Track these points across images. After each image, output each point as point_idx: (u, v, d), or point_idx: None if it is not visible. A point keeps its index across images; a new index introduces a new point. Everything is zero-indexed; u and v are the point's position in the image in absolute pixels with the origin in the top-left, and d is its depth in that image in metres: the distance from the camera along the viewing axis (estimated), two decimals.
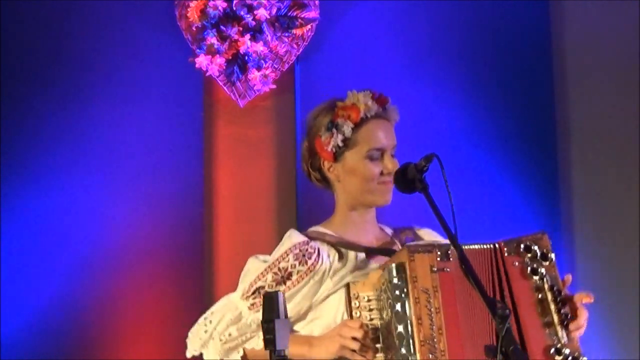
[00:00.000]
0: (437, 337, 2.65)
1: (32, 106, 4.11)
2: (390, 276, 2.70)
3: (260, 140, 4.30)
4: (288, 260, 2.93)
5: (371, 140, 2.96)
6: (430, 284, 2.69)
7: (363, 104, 2.98)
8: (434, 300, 2.68)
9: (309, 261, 2.91)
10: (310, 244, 2.94)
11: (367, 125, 2.98)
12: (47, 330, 4.01)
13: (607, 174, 4.46)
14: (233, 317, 2.97)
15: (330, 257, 2.93)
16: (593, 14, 4.53)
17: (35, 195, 4.07)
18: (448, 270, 2.71)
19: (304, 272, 2.91)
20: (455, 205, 2.66)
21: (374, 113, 2.98)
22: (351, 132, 2.97)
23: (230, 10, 4.21)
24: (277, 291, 2.58)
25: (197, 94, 4.24)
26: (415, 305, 2.67)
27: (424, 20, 4.40)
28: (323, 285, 2.92)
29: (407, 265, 2.69)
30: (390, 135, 2.99)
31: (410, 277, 2.69)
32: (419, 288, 2.68)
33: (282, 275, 2.91)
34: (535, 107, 4.44)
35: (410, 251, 2.71)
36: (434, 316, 2.67)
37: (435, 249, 2.72)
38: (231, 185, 4.27)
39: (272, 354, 2.54)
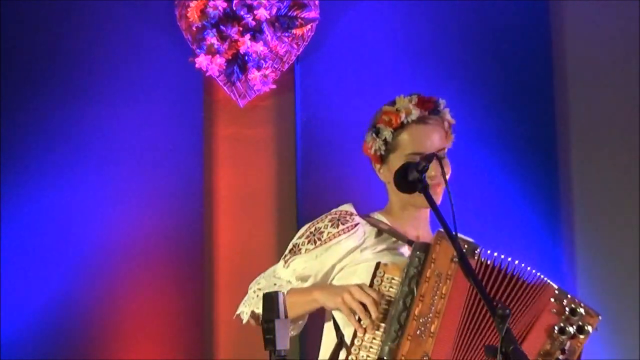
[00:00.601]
0: (433, 318, 2.70)
1: (31, 106, 4.11)
2: (413, 252, 2.75)
3: (260, 140, 4.31)
4: (324, 221, 2.99)
5: (411, 144, 3.00)
6: (446, 270, 2.73)
7: (404, 108, 3.02)
8: (443, 287, 2.72)
9: (341, 226, 2.96)
10: (352, 216, 2.99)
11: (408, 130, 3.01)
12: (47, 330, 4.01)
13: (607, 173, 4.46)
14: (268, 272, 3.04)
15: (365, 233, 2.96)
16: (593, 14, 4.53)
17: (35, 195, 4.07)
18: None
19: (333, 234, 2.96)
20: (455, 205, 2.67)
21: (416, 118, 3.01)
22: (392, 136, 3.02)
23: (230, 10, 4.21)
24: (277, 291, 2.59)
25: (197, 94, 4.24)
26: (424, 283, 2.72)
27: (424, 20, 4.40)
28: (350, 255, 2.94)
29: (432, 247, 2.72)
30: (433, 139, 3.01)
31: (430, 258, 2.73)
32: (434, 270, 2.71)
33: (314, 234, 2.97)
34: (535, 107, 4.44)
35: (440, 236, 2.75)
36: (437, 300, 2.71)
37: (464, 243, 2.75)
38: (231, 185, 4.27)
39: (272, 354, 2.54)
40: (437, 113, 3.05)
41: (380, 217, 3.07)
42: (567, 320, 2.81)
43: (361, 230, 2.98)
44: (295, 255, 2.99)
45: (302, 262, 2.98)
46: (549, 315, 2.81)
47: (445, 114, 3.07)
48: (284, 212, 4.26)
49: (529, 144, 4.40)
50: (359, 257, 2.96)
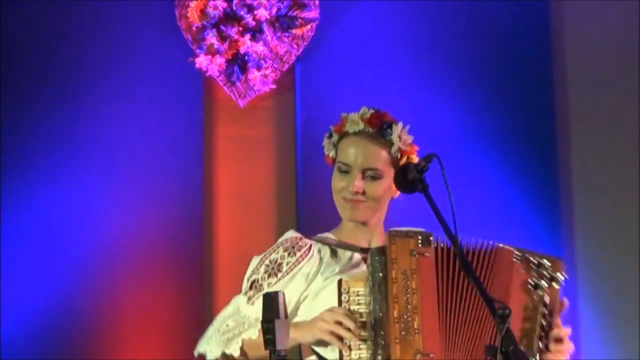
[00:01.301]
0: (412, 315, 2.71)
1: (31, 106, 4.11)
2: (373, 260, 2.75)
3: (260, 140, 4.31)
4: (278, 252, 3.00)
5: (342, 154, 3.03)
6: (410, 266, 2.75)
7: (352, 119, 3.04)
8: (412, 282, 2.74)
9: (297, 253, 2.98)
10: (303, 240, 3.00)
11: (346, 139, 3.05)
12: (47, 330, 4.01)
13: (607, 173, 4.46)
14: (233, 311, 3.04)
15: (321, 253, 2.97)
16: (593, 14, 4.53)
17: (35, 195, 4.07)
18: (428, 255, 2.76)
19: (292, 264, 2.97)
20: (455, 205, 2.67)
21: (357, 130, 3.02)
22: (337, 142, 3.05)
23: (230, 10, 4.21)
24: (277, 291, 2.60)
25: (197, 94, 4.24)
26: (393, 284, 2.73)
27: (424, 20, 4.40)
28: (314, 281, 2.95)
29: (388, 248, 2.73)
30: (365, 156, 3.00)
31: (390, 259, 2.74)
32: (397, 269, 2.72)
33: (272, 267, 2.98)
34: (535, 107, 4.44)
35: (391, 235, 2.76)
36: (410, 296, 2.73)
37: (416, 235, 2.77)
38: (231, 185, 4.27)
39: (272, 354, 2.54)
40: (385, 134, 3.03)
41: (328, 235, 3.07)
42: (537, 275, 2.82)
43: (316, 251, 2.99)
44: (259, 292, 2.97)
45: None
46: (519, 274, 2.83)
47: (395, 138, 3.03)
48: (284, 212, 4.26)
49: (529, 143, 4.40)
50: (320, 282, 2.96)
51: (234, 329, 2.98)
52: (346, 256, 3.00)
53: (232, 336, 2.98)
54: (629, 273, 4.37)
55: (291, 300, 2.96)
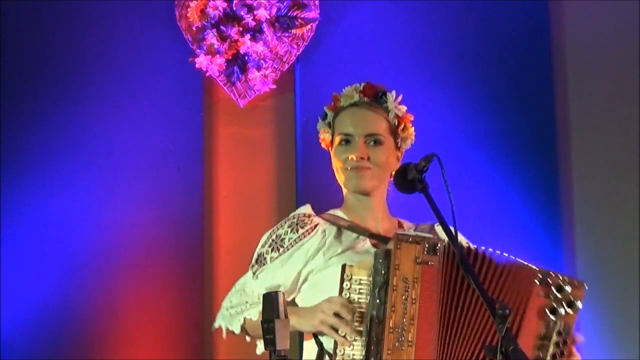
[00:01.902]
0: (408, 326, 2.67)
1: (31, 106, 4.11)
2: (377, 261, 2.73)
3: (260, 140, 4.31)
4: (283, 227, 3.00)
5: (340, 126, 3.03)
6: (412, 274, 2.70)
7: (346, 93, 3.04)
8: (412, 291, 2.69)
9: (300, 230, 2.97)
10: (310, 218, 2.99)
11: (344, 112, 3.04)
12: (46, 330, 4.01)
13: (607, 174, 4.46)
14: (239, 286, 3.05)
15: (325, 234, 2.96)
16: (593, 14, 4.53)
17: (34, 195, 4.07)
18: (432, 264, 2.72)
19: (294, 240, 2.97)
20: (455, 205, 2.67)
21: (353, 102, 3.03)
22: (332, 118, 3.05)
23: (230, 11, 4.21)
24: (277, 291, 2.59)
25: (197, 94, 4.24)
26: (392, 292, 2.69)
27: (424, 20, 4.40)
28: (314, 259, 2.94)
29: (392, 253, 2.71)
30: (364, 123, 3.01)
31: (393, 264, 2.70)
32: (399, 276, 2.69)
33: (276, 241, 2.98)
34: (535, 107, 4.44)
35: (398, 239, 2.73)
36: (408, 306, 2.68)
37: (424, 241, 2.73)
38: (231, 185, 4.27)
39: (272, 354, 2.54)
40: (380, 102, 3.05)
41: (339, 214, 3.07)
42: (556, 300, 2.79)
43: (320, 231, 2.98)
44: (262, 266, 2.99)
45: (270, 271, 2.98)
46: (537, 299, 2.78)
47: (390, 105, 3.05)
48: (284, 212, 4.25)
49: (529, 144, 4.40)
50: (322, 260, 2.96)
51: (236, 305, 2.99)
52: (351, 237, 2.99)
53: (234, 313, 3.00)
54: (629, 272, 4.37)
55: (289, 276, 2.97)
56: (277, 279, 2.97)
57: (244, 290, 3.03)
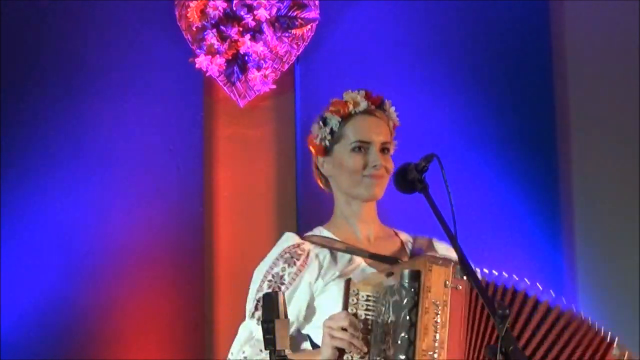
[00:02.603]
0: (439, 350, 2.65)
1: (31, 106, 4.11)
2: (403, 280, 2.70)
3: (260, 140, 4.31)
4: (278, 265, 2.95)
5: (356, 133, 3.01)
6: (442, 298, 2.68)
7: (352, 100, 3.03)
8: (442, 315, 2.67)
9: (297, 262, 2.93)
10: (301, 247, 2.97)
11: (354, 119, 3.03)
12: (46, 330, 4.01)
13: (607, 174, 4.46)
14: (246, 336, 2.99)
15: (320, 258, 2.95)
16: (593, 14, 4.53)
17: (34, 195, 4.07)
18: (460, 288, 2.71)
19: (294, 273, 2.93)
20: (455, 206, 2.66)
21: (363, 109, 3.02)
22: (338, 126, 3.03)
23: (230, 11, 4.21)
24: (277, 291, 2.58)
25: (197, 94, 4.24)
26: (425, 314, 2.67)
27: (424, 20, 4.40)
28: (315, 285, 2.93)
29: (423, 275, 2.69)
30: (379, 131, 3.02)
31: (425, 286, 2.68)
32: (430, 299, 2.67)
33: (276, 281, 2.93)
34: (535, 107, 4.44)
35: (429, 261, 2.71)
36: (439, 329, 2.67)
37: (452, 265, 2.72)
38: (231, 185, 4.27)
39: (272, 354, 2.54)
40: (383, 110, 3.06)
41: (325, 233, 3.04)
42: None
43: (314, 257, 2.96)
44: None
45: None
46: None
47: (391, 114, 3.07)
48: (284, 212, 4.26)
49: (529, 144, 4.40)
50: (321, 285, 2.94)
51: (251, 355, 2.94)
52: (345, 258, 2.98)
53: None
54: (629, 273, 4.37)
55: (300, 310, 2.94)
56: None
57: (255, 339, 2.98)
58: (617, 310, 4.29)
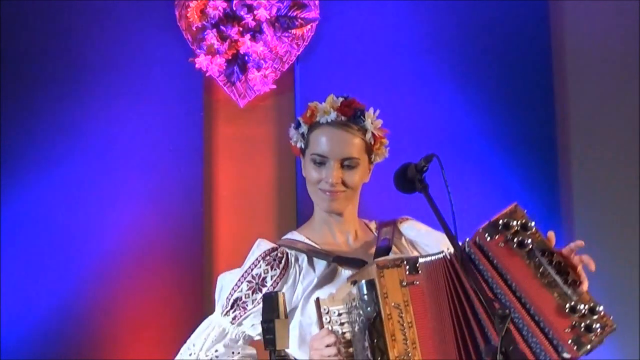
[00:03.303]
0: (412, 351, 2.64)
1: (32, 106, 4.11)
2: (361, 293, 2.69)
3: (260, 140, 4.31)
4: (260, 266, 2.92)
5: (315, 144, 2.96)
6: (401, 298, 2.67)
7: (322, 109, 2.98)
8: (406, 315, 2.66)
9: (280, 265, 2.91)
10: (279, 250, 2.94)
11: (319, 129, 2.97)
12: (46, 330, 4.01)
13: (607, 173, 4.46)
14: (217, 334, 2.95)
15: (299, 261, 2.93)
16: (593, 14, 4.53)
17: (34, 195, 4.07)
18: (417, 283, 2.70)
19: (277, 277, 2.91)
20: (455, 205, 2.66)
21: (330, 120, 2.96)
22: (307, 132, 2.99)
23: (230, 11, 4.21)
24: (277, 291, 2.58)
25: (197, 94, 4.24)
26: (388, 321, 2.66)
27: (424, 20, 4.40)
28: (296, 290, 2.92)
29: (377, 282, 2.68)
30: (339, 147, 2.93)
31: (381, 293, 2.67)
32: (390, 304, 2.67)
33: (256, 282, 2.91)
34: (535, 106, 4.44)
35: (379, 267, 2.69)
36: (407, 331, 2.65)
37: (403, 263, 2.70)
38: (231, 185, 4.27)
39: (272, 354, 2.54)
40: (358, 122, 2.97)
41: (297, 237, 3.01)
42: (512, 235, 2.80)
43: (293, 260, 2.94)
44: (245, 311, 2.91)
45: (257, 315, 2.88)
46: (501, 250, 2.78)
47: (368, 125, 2.98)
48: (284, 212, 4.26)
49: (529, 143, 4.40)
50: (300, 291, 2.92)
51: (223, 355, 2.92)
52: (322, 263, 2.96)
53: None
54: (629, 272, 4.37)
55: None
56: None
57: (224, 337, 2.95)
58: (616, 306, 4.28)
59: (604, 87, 4.51)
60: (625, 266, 4.38)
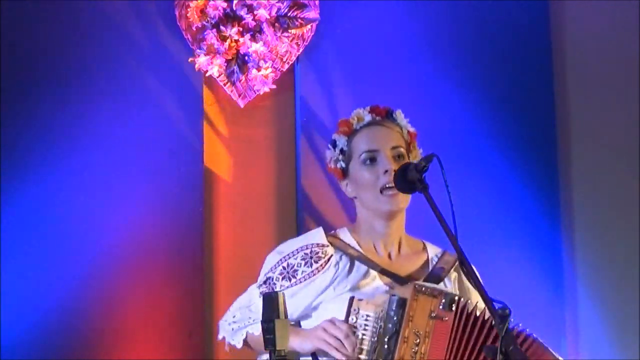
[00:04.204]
0: None
1: (31, 107, 4.11)
2: (390, 307, 2.70)
3: (260, 140, 4.31)
4: (297, 258, 2.98)
5: (362, 144, 3.01)
6: (424, 328, 2.67)
7: (356, 116, 3.03)
8: (422, 346, 2.66)
9: (314, 264, 2.95)
10: (324, 249, 2.97)
11: (360, 133, 3.03)
12: (46, 330, 4.01)
13: (607, 174, 4.46)
14: (244, 301, 3.06)
15: (339, 267, 2.95)
16: (593, 14, 4.53)
17: (34, 195, 4.07)
18: (446, 319, 2.70)
19: (307, 274, 2.95)
20: (455, 205, 2.67)
21: (367, 122, 3.01)
22: (346, 144, 3.03)
23: (230, 11, 4.21)
24: (277, 291, 2.60)
25: (197, 94, 4.24)
26: (403, 343, 2.66)
27: (424, 20, 4.40)
28: (324, 294, 2.93)
29: (408, 303, 2.68)
30: (385, 138, 3.00)
31: (407, 315, 2.67)
32: (411, 328, 2.66)
33: (287, 271, 2.97)
34: (535, 107, 4.44)
35: (416, 290, 2.69)
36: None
37: (441, 296, 2.70)
38: (231, 185, 4.27)
39: (272, 354, 2.54)
40: (393, 119, 3.05)
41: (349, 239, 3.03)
42: None
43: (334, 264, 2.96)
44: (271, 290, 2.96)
45: None
46: None
47: (402, 122, 3.05)
48: (284, 212, 4.26)
49: (529, 143, 4.40)
50: (331, 295, 2.94)
51: (240, 321, 2.99)
52: (362, 270, 2.98)
53: (237, 328, 3.00)
54: (629, 272, 4.37)
55: (298, 308, 2.95)
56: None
57: (249, 307, 3.01)
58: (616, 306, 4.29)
59: (604, 87, 4.51)
60: (625, 266, 4.38)
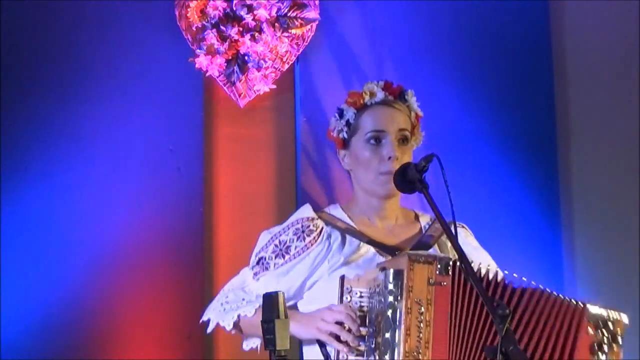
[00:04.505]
0: (423, 350, 2.63)
1: (31, 107, 4.11)
2: (387, 281, 2.69)
3: (260, 140, 4.31)
4: (288, 234, 2.98)
5: (371, 123, 3.00)
6: (425, 296, 2.67)
7: (369, 90, 3.02)
8: (426, 313, 2.66)
9: (307, 238, 2.96)
10: (314, 222, 2.97)
11: (370, 110, 3.03)
12: (46, 330, 4.01)
13: (607, 174, 4.46)
14: (237, 283, 3.06)
15: (331, 240, 2.95)
16: (593, 14, 4.53)
17: (34, 195, 4.07)
18: (444, 284, 2.70)
19: (301, 248, 2.96)
20: (455, 205, 2.67)
21: (379, 100, 3.01)
22: (354, 117, 3.02)
23: (230, 11, 4.21)
24: (277, 291, 2.59)
25: (197, 94, 4.24)
26: (407, 315, 2.65)
27: (424, 20, 4.40)
28: (319, 267, 2.94)
29: (405, 274, 2.67)
30: (396, 120, 3.00)
31: (407, 286, 2.67)
32: (412, 298, 2.66)
33: (280, 248, 2.97)
34: (535, 107, 4.44)
35: (410, 260, 2.69)
36: (423, 329, 2.65)
37: (435, 261, 2.70)
38: (231, 185, 4.27)
39: (272, 354, 2.54)
40: (404, 100, 3.05)
41: (340, 213, 3.04)
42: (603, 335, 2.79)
43: (326, 237, 2.96)
44: (265, 270, 2.96)
45: (274, 277, 2.95)
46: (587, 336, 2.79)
47: (413, 104, 3.05)
48: (284, 212, 4.25)
49: (529, 144, 4.40)
50: (325, 269, 2.94)
51: (232, 302, 2.98)
52: (354, 244, 2.98)
53: (229, 309, 2.99)
54: (629, 272, 4.37)
55: (294, 284, 2.96)
56: (280, 285, 2.96)
57: (242, 289, 3.02)
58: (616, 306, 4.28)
59: (604, 87, 4.51)
60: (625, 266, 4.38)
